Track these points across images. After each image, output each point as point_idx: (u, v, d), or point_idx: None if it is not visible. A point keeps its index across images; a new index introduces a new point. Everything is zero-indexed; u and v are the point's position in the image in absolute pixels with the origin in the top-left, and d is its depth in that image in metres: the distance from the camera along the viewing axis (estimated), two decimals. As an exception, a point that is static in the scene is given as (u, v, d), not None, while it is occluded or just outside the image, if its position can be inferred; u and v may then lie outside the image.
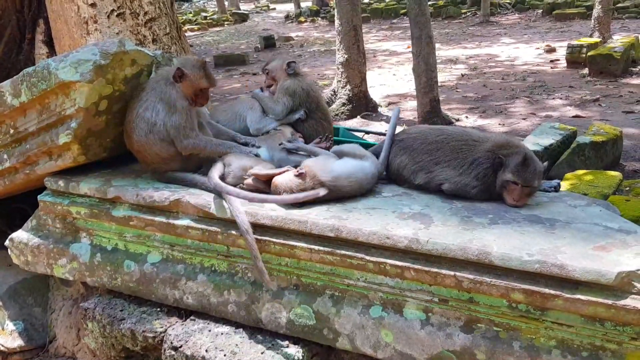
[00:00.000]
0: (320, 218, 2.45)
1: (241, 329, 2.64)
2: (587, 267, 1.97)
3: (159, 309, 2.84)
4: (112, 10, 3.87)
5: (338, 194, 2.63)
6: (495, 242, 2.17)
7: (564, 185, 5.70)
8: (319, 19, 27.81)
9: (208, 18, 30.31)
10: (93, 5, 3.86)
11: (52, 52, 4.70)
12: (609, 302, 1.94)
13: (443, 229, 2.30)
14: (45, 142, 2.91)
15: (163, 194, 2.76)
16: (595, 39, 13.93)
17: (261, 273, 2.46)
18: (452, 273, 2.17)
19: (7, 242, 3.26)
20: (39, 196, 3.13)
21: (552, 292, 2.01)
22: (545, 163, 2.61)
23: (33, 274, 3.47)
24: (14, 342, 3.49)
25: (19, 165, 3.10)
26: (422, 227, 2.32)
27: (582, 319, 2.01)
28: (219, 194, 2.67)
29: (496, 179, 2.56)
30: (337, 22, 10.96)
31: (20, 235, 3.21)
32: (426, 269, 2.23)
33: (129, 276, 2.88)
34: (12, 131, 3.02)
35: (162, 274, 2.80)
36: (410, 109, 10.54)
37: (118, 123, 2.94)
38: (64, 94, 2.75)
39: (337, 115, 10.46)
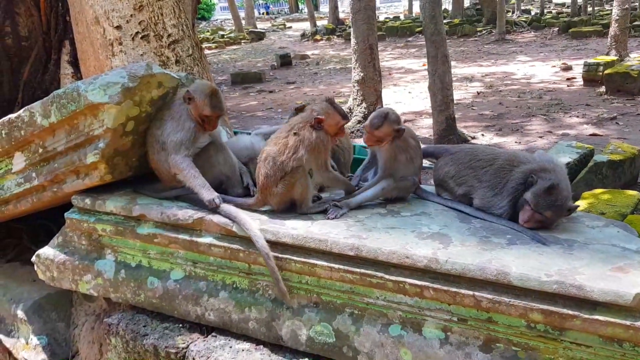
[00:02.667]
0: (341, 237, 2.50)
1: (262, 346, 2.68)
2: (605, 288, 2.00)
3: (181, 325, 2.90)
4: (137, 33, 3.97)
5: None
6: (513, 262, 2.20)
7: (582, 204, 5.68)
8: (335, 37, 28.09)
9: (225, 36, 30.76)
10: (118, 27, 3.97)
11: (77, 72, 4.82)
12: (627, 322, 1.96)
13: (462, 249, 2.34)
14: (73, 161, 3.00)
15: (187, 213, 2.83)
16: (612, 57, 13.93)
17: (283, 294, 2.57)
18: (471, 293, 2.21)
19: (33, 258, 3.34)
20: (65, 213, 3.21)
21: (571, 312, 2.03)
22: (575, 205, 2.59)
23: (57, 290, 3.55)
24: (38, 356, 3.56)
25: (47, 184, 3.19)
26: (441, 247, 2.36)
27: (601, 340, 2.03)
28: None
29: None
30: (353, 40, 11.10)
31: (46, 251, 3.30)
32: (445, 288, 2.26)
33: (152, 292, 2.94)
34: (41, 150, 3.12)
35: (184, 290, 2.86)
36: (426, 127, 10.58)
37: (143, 143, 3.02)
38: (92, 115, 2.85)
39: (352, 132, 10.54)
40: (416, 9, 32.77)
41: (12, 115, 3.13)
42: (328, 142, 2.83)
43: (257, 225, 2.67)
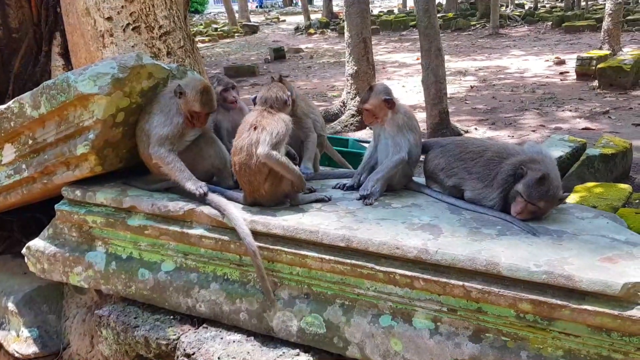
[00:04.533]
0: (331, 228, 2.50)
1: (252, 337, 2.69)
2: (593, 278, 2.01)
3: (172, 317, 2.90)
4: (128, 24, 3.94)
5: None
6: (503, 253, 2.21)
7: (574, 197, 5.71)
8: (329, 30, 28.01)
9: (219, 30, 30.62)
10: (109, 19, 3.94)
11: (68, 64, 4.79)
12: (615, 312, 1.97)
13: (452, 240, 2.35)
14: (63, 153, 2.98)
15: (178, 204, 2.82)
16: (605, 51, 13.97)
17: (267, 292, 2.59)
18: (460, 283, 2.21)
19: (24, 250, 3.33)
20: (56, 205, 3.20)
21: (559, 302, 2.04)
22: (566, 194, 2.60)
23: (48, 282, 3.54)
24: (29, 348, 3.55)
25: (37, 175, 3.17)
26: (432, 238, 2.37)
27: (589, 329, 2.04)
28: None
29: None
30: (346, 34, 11.09)
31: (37, 243, 3.28)
32: (435, 278, 2.26)
33: (143, 284, 2.94)
34: (30, 142, 3.10)
35: (175, 282, 2.86)
36: (419, 121, 10.59)
37: (134, 134, 3.01)
38: (82, 106, 2.83)
39: (346, 126, 10.53)
40: (410, 2, 32.70)
41: (2, 107, 3.11)
42: (290, 121, 2.82)
43: (248, 216, 2.67)
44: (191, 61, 4.22)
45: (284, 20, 36.75)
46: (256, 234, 2.60)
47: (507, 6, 29.71)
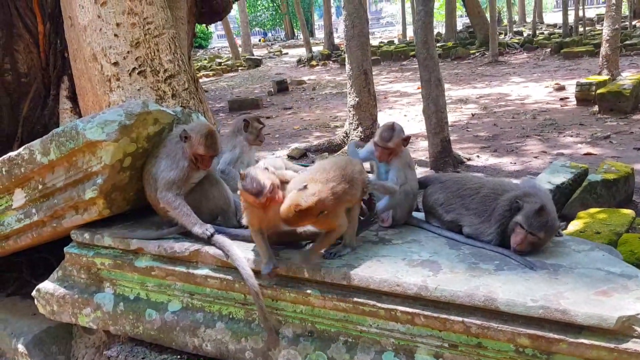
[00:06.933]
0: (333, 266, 2.56)
1: (258, 376, 2.72)
2: (589, 312, 2.05)
3: (179, 357, 2.94)
4: (134, 69, 4.07)
5: None
6: (500, 288, 2.26)
7: (578, 224, 5.74)
8: (331, 62, 28.33)
9: (222, 64, 31.02)
10: (116, 64, 4.07)
11: (75, 107, 4.90)
12: (611, 345, 2.01)
13: (451, 276, 2.40)
14: (72, 197, 3.07)
15: (183, 245, 2.90)
16: (604, 76, 14.06)
17: (270, 331, 2.64)
18: (460, 319, 2.26)
19: (34, 293, 3.39)
20: (65, 248, 3.28)
21: (557, 336, 2.09)
22: (563, 223, 2.66)
23: (57, 323, 3.59)
24: (38, 390, 3.58)
25: (47, 219, 3.26)
26: (431, 274, 2.42)
27: (587, 363, 2.08)
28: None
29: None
30: (347, 66, 11.25)
31: (46, 285, 3.35)
32: (435, 315, 2.31)
33: (150, 324, 2.99)
34: (40, 187, 3.19)
35: (182, 322, 2.91)
36: (422, 149, 10.67)
37: (140, 177, 3.10)
38: (90, 152, 2.93)
39: (349, 157, 10.59)
40: (410, 33, 33.15)
41: (12, 153, 3.21)
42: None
43: (252, 256, 2.73)
44: (195, 102, 4.34)
45: (287, 53, 37.23)
46: (260, 273, 2.66)
47: (505, 34, 30.03)
